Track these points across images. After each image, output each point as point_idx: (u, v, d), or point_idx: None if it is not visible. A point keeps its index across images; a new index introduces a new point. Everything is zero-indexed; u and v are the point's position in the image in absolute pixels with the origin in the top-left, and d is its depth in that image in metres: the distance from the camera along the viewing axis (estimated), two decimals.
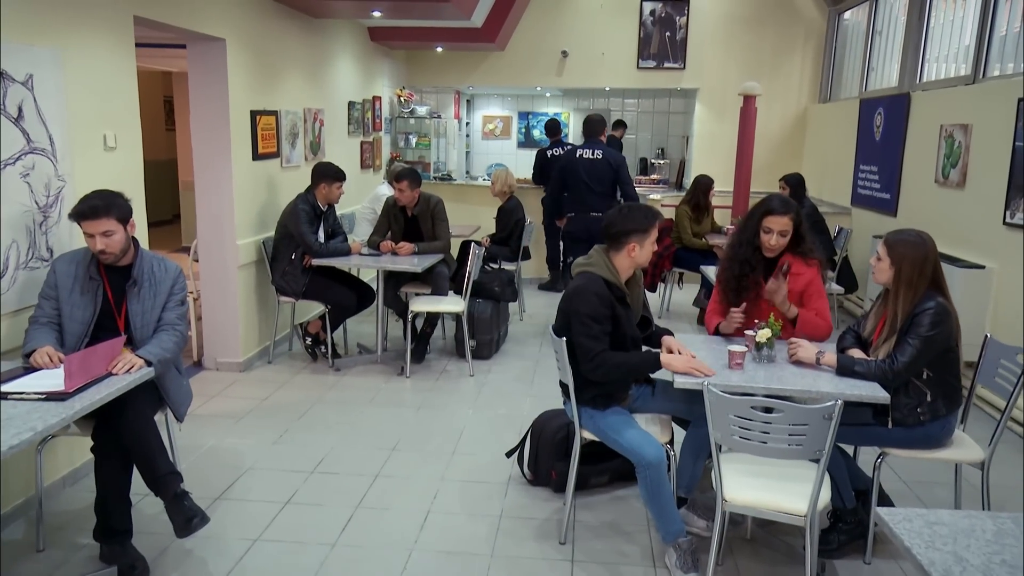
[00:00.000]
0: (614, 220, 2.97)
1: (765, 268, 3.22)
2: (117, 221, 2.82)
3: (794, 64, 8.75)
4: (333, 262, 5.04)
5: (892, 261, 2.79)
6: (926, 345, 2.68)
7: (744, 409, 2.33)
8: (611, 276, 2.92)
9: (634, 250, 2.93)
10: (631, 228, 2.92)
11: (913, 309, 2.73)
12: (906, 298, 2.76)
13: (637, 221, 2.93)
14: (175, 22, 4.05)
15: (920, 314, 2.70)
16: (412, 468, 3.68)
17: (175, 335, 2.91)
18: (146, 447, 2.70)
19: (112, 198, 2.82)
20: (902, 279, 2.77)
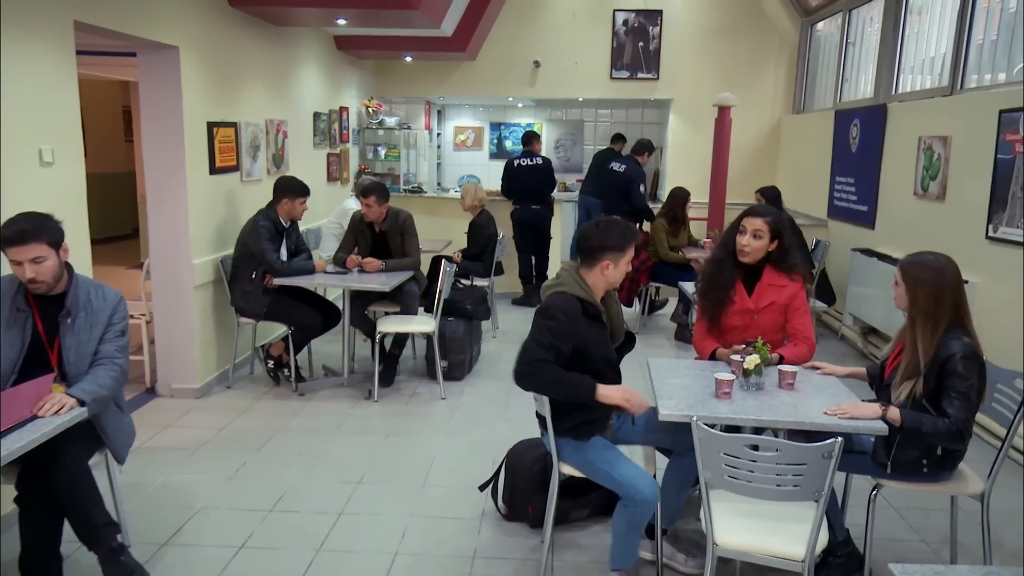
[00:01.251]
0: (590, 234, 2.76)
1: (744, 276, 3.08)
2: (48, 246, 2.56)
3: (767, 75, 8.69)
4: (296, 281, 4.78)
5: (908, 287, 2.59)
6: (974, 397, 2.47)
7: (737, 447, 2.15)
8: (584, 293, 2.72)
9: (607, 268, 2.73)
10: (607, 244, 2.72)
11: (938, 349, 2.50)
12: (925, 331, 2.53)
13: (613, 238, 2.73)
14: (122, 28, 3.79)
15: (950, 360, 2.46)
16: (379, 504, 3.44)
17: (113, 370, 2.65)
18: (79, 497, 2.44)
19: (41, 221, 2.56)
20: (919, 308, 2.55)
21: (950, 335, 2.52)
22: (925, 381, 2.51)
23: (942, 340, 2.51)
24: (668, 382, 2.80)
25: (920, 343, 2.54)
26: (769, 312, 3.07)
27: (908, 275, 2.60)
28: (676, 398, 2.62)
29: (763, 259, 3.10)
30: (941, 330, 2.52)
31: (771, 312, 3.07)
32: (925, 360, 2.52)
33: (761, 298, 3.08)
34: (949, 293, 2.54)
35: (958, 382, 2.45)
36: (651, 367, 2.97)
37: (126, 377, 2.75)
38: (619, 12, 8.48)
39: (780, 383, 2.76)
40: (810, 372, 2.95)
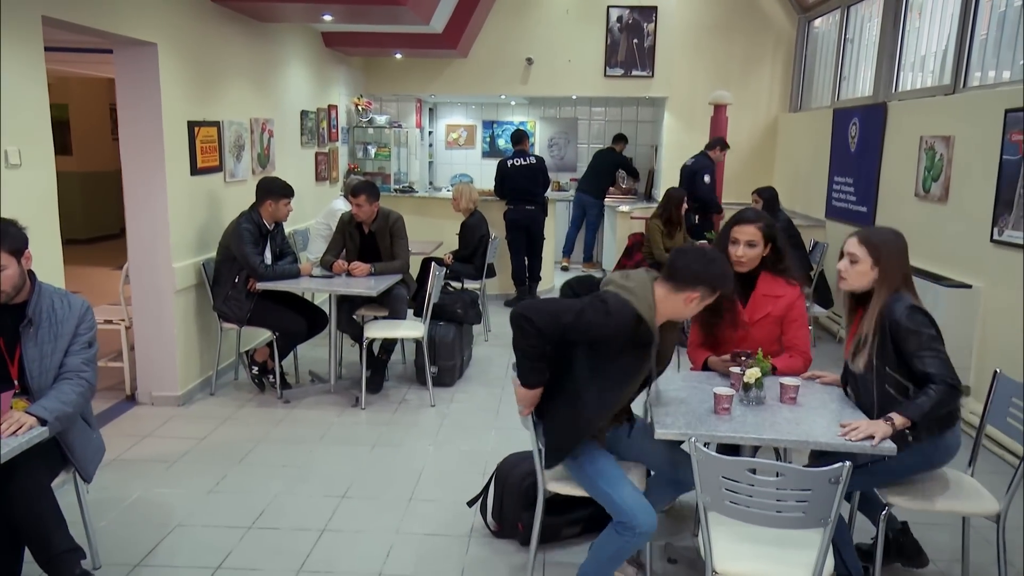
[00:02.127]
0: (697, 259, 2.43)
1: (740, 285, 2.92)
2: (9, 254, 2.42)
3: (764, 73, 8.56)
4: (281, 285, 4.63)
5: (875, 260, 2.53)
6: (939, 343, 2.44)
7: (737, 471, 2.02)
8: (647, 314, 2.37)
9: (692, 301, 2.42)
10: (709, 278, 2.41)
11: (881, 316, 2.48)
12: (880, 293, 2.52)
13: (718, 275, 2.43)
14: (94, 24, 3.63)
15: (896, 323, 2.45)
16: (363, 520, 3.31)
17: (79, 384, 2.51)
18: (39, 522, 2.29)
19: (2, 228, 2.42)
20: (886, 276, 2.52)
21: (891, 299, 2.50)
22: (879, 347, 2.49)
23: (885, 305, 2.49)
24: (665, 396, 2.67)
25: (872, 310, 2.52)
26: (764, 324, 2.93)
27: (874, 247, 2.54)
28: (673, 415, 2.49)
29: (758, 265, 2.96)
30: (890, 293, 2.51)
31: (766, 324, 2.93)
32: (870, 327, 2.51)
33: (756, 310, 2.93)
34: (906, 257, 2.57)
35: (916, 339, 2.43)
36: None
37: (93, 392, 2.61)
38: (613, 8, 8.34)
39: (782, 397, 2.63)
40: (812, 384, 2.82)
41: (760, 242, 2.90)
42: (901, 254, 2.56)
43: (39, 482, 2.35)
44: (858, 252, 2.55)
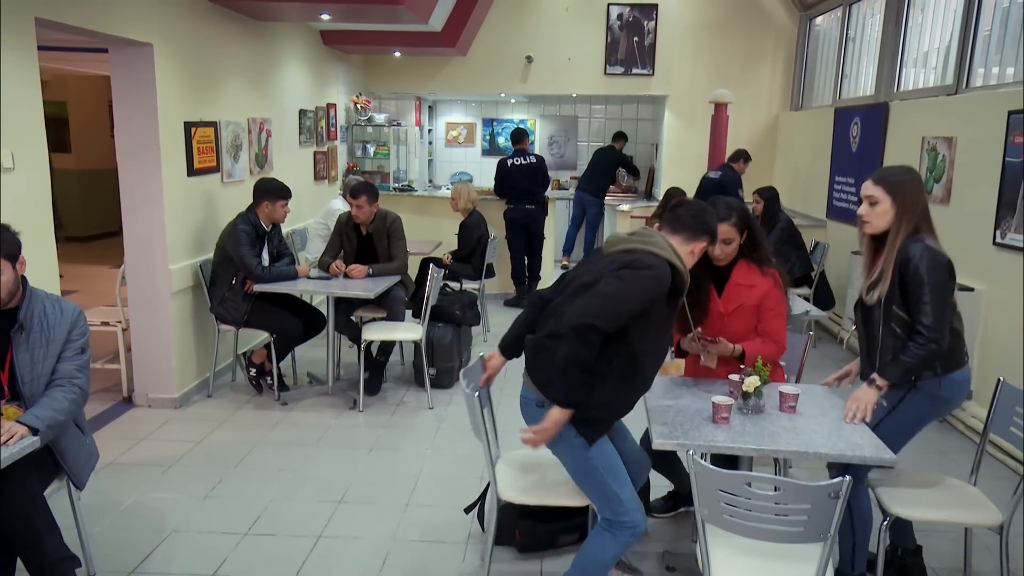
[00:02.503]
0: (705, 209, 2.52)
1: (716, 278, 2.92)
2: (4, 259, 2.40)
3: (764, 70, 8.52)
4: (278, 287, 4.60)
5: (894, 198, 2.51)
6: (942, 296, 2.43)
7: (736, 485, 1.99)
8: (678, 262, 2.34)
9: (695, 254, 2.48)
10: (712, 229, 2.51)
11: (898, 251, 2.49)
12: (898, 229, 2.51)
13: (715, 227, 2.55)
14: (88, 25, 3.60)
15: (908, 263, 2.45)
16: (360, 526, 3.28)
17: (72, 392, 2.48)
18: (31, 531, 2.27)
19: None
20: (907, 213, 2.50)
21: (910, 239, 2.50)
22: (891, 285, 2.50)
23: (905, 244, 2.49)
24: (661, 403, 2.64)
25: (889, 247, 2.52)
26: (739, 314, 2.91)
27: (890, 185, 2.52)
28: (670, 424, 2.46)
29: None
30: (907, 232, 2.50)
31: (742, 314, 2.91)
32: (889, 263, 2.51)
33: (730, 300, 2.91)
34: (923, 192, 2.56)
35: (920, 286, 2.43)
36: None
37: (86, 398, 2.59)
38: (613, 6, 8.29)
39: (781, 406, 2.61)
40: (811, 392, 2.80)
41: (735, 236, 2.87)
42: (918, 189, 2.55)
43: (30, 490, 2.32)
44: (876, 193, 2.54)
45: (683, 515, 3.32)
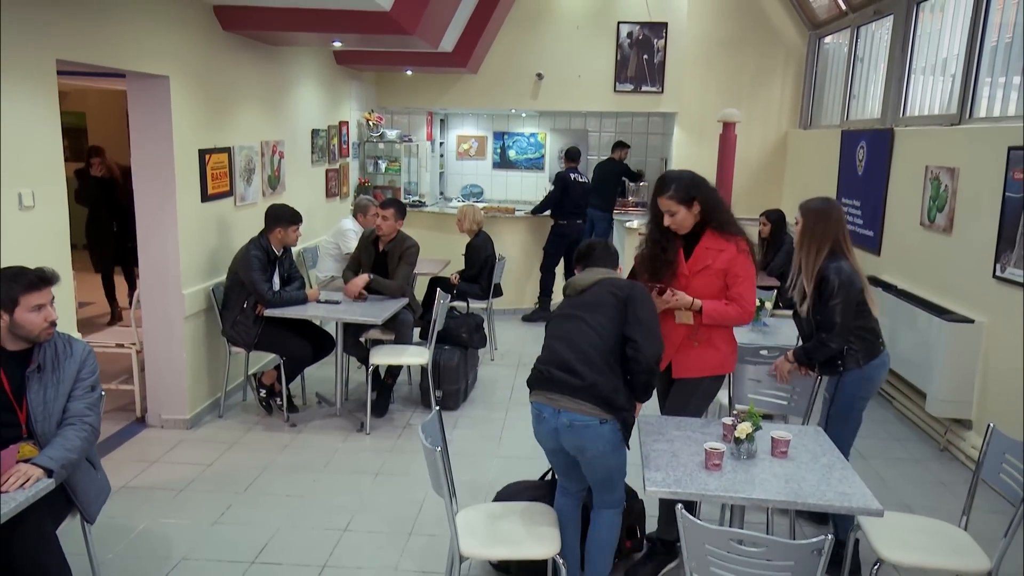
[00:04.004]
0: (605, 246, 3.04)
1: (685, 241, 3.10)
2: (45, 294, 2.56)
3: (774, 88, 8.55)
4: (288, 312, 4.71)
5: (803, 220, 3.20)
6: (845, 305, 3.08)
7: (722, 541, 2.05)
8: None
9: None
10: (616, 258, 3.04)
11: (817, 271, 3.11)
12: (810, 250, 3.14)
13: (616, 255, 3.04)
14: (107, 63, 3.71)
15: (826, 277, 3.09)
16: (363, 556, 3.37)
17: (83, 430, 2.58)
18: (42, 570, 2.36)
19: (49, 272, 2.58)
20: (805, 230, 3.17)
21: (830, 260, 3.13)
22: (814, 301, 3.17)
23: (824, 265, 3.12)
24: (656, 447, 2.71)
25: (804, 266, 3.17)
26: (704, 276, 3.05)
27: (803, 208, 3.23)
28: (664, 469, 2.53)
29: (700, 224, 3.06)
30: (823, 255, 3.12)
31: (706, 276, 3.05)
32: (808, 280, 3.16)
33: (696, 262, 3.08)
34: (833, 221, 3.15)
35: (829, 293, 3.09)
36: (640, 427, 2.88)
37: (97, 435, 2.68)
38: (623, 24, 8.35)
39: (773, 451, 2.66)
40: (804, 436, 2.85)
41: (678, 208, 3.01)
42: (826, 219, 3.16)
43: (43, 531, 2.41)
44: (797, 216, 3.26)
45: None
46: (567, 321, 2.78)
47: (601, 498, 2.84)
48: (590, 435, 2.62)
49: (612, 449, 2.67)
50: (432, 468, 2.63)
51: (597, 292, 2.79)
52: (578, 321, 2.73)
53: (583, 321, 2.71)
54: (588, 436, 2.63)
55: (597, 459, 2.68)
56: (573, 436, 2.65)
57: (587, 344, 2.66)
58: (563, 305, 2.91)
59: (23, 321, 2.48)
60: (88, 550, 2.80)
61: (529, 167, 10.26)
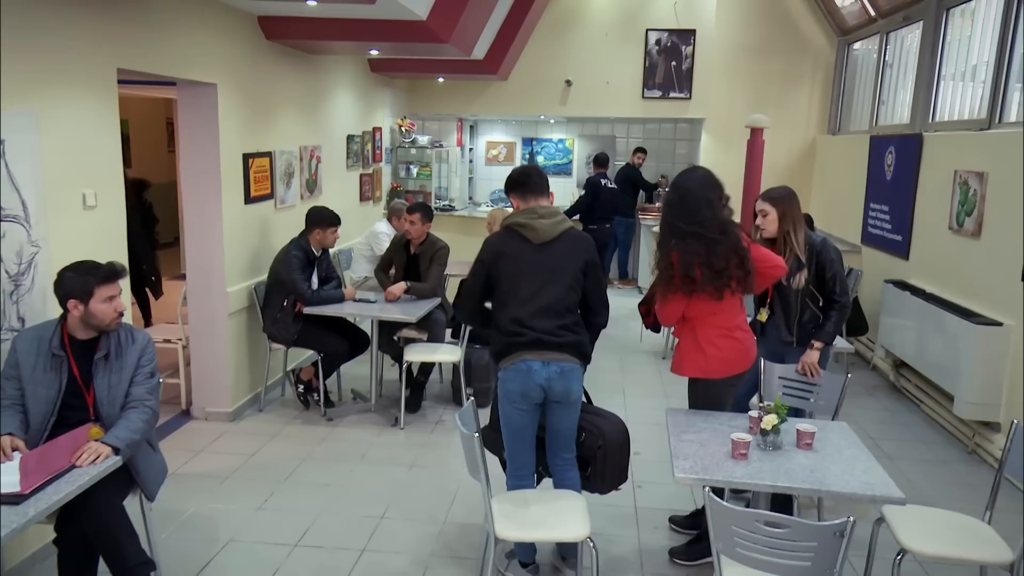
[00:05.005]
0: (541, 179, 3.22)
1: None
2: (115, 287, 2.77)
3: (802, 94, 8.59)
4: (326, 310, 4.89)
5: (779, 212, 3.49)
6: (842, 271, 3.56)
7: (748, 523, 2.16)
8: None
9: None
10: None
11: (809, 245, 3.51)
12: (796, 230, 3.49)
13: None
14: (163, 72, 3.93)
15: (822, 251, 3.51)
16: (400, 541, 3.52)
17: (145, 412, 2.76)
18: (114, 538, 2.55)
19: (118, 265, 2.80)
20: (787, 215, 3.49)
21: (813, 235, 3.58)
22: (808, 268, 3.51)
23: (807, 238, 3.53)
24: (684, 438, 2.82)
25: (797, 244, 3.49)
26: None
27: (778, 203, 3.51)
28: (692, 458, 2.64)
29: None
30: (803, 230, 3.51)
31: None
32: (803, 252, 3.49)
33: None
34: (798, 202, 3.55)
35: (832, 267, 3.51)
36: (669, 420, 2.99)
37: (156, 418, 2.86)
38: (652, 32, 8.46)
39: (798, 443, 2.76)
40: (828, 430, 2.94)
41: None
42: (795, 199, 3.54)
43: (111, 502, 2.60)
44: (766, 208, 3.52)
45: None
46: (544, 285, 3.01)
47: (564, 457, 3.15)
48: (575, 378, 3.03)
49: (577, 390, 3.06)
50: (469, 453, 2.76)
51: (562, 252, 3.05)
52: (553, 286, 3.01)
53: (557, 285, 3.02)
54: (574, 379, 3.02)
55: (574, 403, 3.06)
56: (563, 381, 2.99)
57: (563, 309, 3.04)
58: (528, 253, 3.02)
59: (96, 311, 2.67)
60: (146, 528, 2.97)
61: (557, 173, 10.38)
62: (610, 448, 3.15)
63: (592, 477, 3.20)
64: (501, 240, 3.10)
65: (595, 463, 3.18)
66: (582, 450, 3.19)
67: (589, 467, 3.21)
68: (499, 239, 3.11)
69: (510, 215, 3.17)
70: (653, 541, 3.57)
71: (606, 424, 3.20)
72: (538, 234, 3.04)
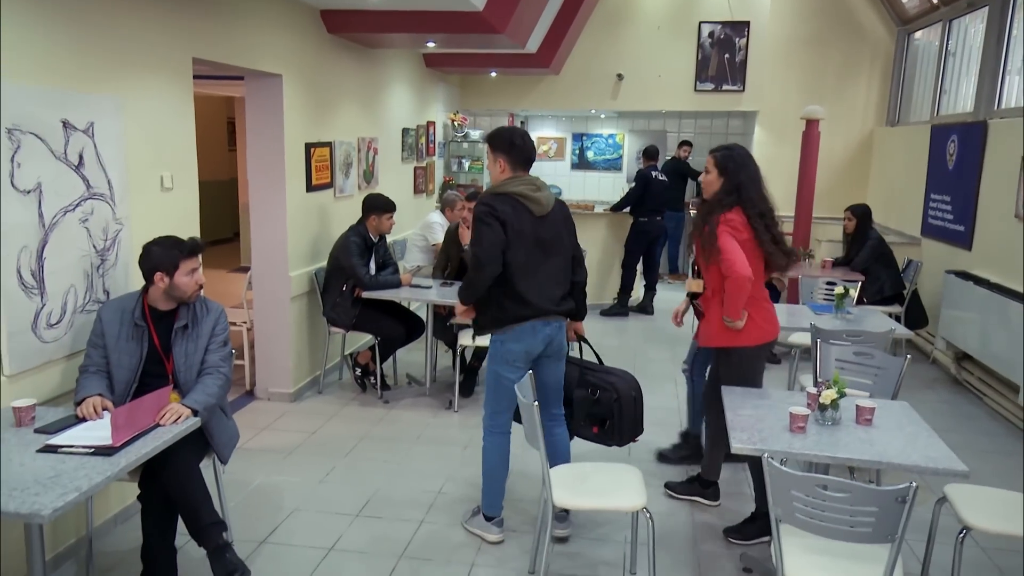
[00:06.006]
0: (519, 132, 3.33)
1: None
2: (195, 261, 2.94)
3: (859, 86, 8.44)
4: (383, 294, 5.02)
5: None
6: None
7: (808, 487, 2.18)
8: None
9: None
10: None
11: None
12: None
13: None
14: (234, 61, 4.11)
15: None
16: (456, 514, 3.60)
17: (219, 378, 2.91)
18: (190, 497, 2.69)
19: (197, 241, 2.99)
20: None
21: None
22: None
23: None
24: (742, 413, 2.84)
25: None
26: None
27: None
28: (749, 430, 2.66)
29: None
30: None
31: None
32: None
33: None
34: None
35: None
36: (726, 396, 3.01)
37: (230, 385, 3.01)
38: (705, 24, 8.42)
39: (857, 418, 2.75)
40: (888, 408, 2.92)
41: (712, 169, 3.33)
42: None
43: (190, 463, 2.75)
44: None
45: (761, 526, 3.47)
46: (547, 258, 3.17)
47: (554, 413, 3.35)
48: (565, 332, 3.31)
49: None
50: (528, 422, 2.83)
51: (558, 221, 3.20)
52: (554, 257, 3.19)
53: (558, 256, 3.21)
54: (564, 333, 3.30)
55: (564, 356, 3.32)
56: (560, 334, 3.26)
57: (564, 278, 3.27)
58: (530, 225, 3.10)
59: (180, 283, 2.83)
60: (219, 493, 3.13)
61: (607, 168, 10.41)
62: (624, 401, 3.31)
63: (610, 431, 3.36)
64: (504, 208, 3.05)
65: (612, 417, 3.33)
66: (598, 407, 3.35)
67: (607, 422, 3.35)
68: (500, 207, 3.05)
69: (505, 182, 3.12)
70: (707, 519, 3.59)
71: (618, 380, 3.37)
72: (541, 207, 3.13)
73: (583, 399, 3.39)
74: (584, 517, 3.54)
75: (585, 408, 3.40)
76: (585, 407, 3.39)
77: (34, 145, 2.79)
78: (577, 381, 3.43)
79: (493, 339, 3.23)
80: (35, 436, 2.47)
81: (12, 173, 2.70)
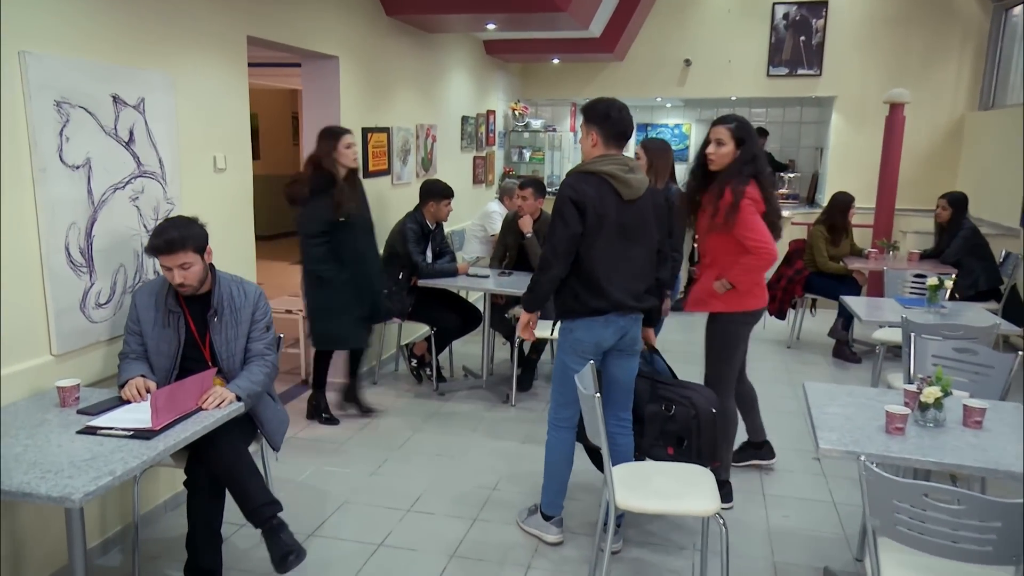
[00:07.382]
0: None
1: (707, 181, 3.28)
2: (194, 252, 2.68)
3: (948, 68, 7.85)
4: (439, 283, 4.87)
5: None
6: None
7: (914, 496, 1.89)
8: None
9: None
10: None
11: None
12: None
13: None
14: (288, 41, 4.01)
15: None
16: (512, 512, 3.41)
17: (265, 366, 2.79)
18: (239, 477, 2.58)
19: (188, 228, 2.69)
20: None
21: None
22: None
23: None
24: (828, 411, 2.55)
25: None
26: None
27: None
28: (838, 430, 2.37)
29: None
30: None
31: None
32: None
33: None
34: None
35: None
36: (808, 393, 2.73)
37: (276, 371, 2.88)
38: (779, 5, 7.99)
39: (965, 420, 2.43)
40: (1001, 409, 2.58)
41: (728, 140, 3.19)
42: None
43: (237, 447, 2.63)
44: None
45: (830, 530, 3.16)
46: (631, 246, 2.91)
47: (622, 417, 3.08)
48: (640, 325, 3.07)
49: None
50: (589, 415, 2.61)
51: (646, 208, 2.94)
52: (639, 247, 2.94)
53: (644, 246, 2.96)
54: (639, 328, 3.06)
55: (638, 352, 3.06)
56: (636, 327, 3.02)
57: (649, 271, 3.02)
58: (616, 209, 2.85)
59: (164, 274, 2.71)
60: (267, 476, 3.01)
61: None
62: (703, 418, 2.99)
63: (687, 451, 3.01)
64: (587, 190, 2.80)
65: (690, 436, 3.00)
66: (673, 423, 3.03)
67: (684, 441, 3.02)
68: (585, 185, 2.80)
69: (595, 160, 2.86)
70: (781, 525, 3.30)
71: (695, 395, 3.06)
72: (631, 190, 2.85)
73: (655, 414, 3.09)
74: (649, 521, 3.29)
75: (659, 424, 3.08)
76: (658, 423, 3.08)
77: (83, 119, 2.72)
78: (649, 395, 3.13)
79: (563, 327, 3.00)
80: (77, 417, 2.40)
81: (60, 147, 2.64)
